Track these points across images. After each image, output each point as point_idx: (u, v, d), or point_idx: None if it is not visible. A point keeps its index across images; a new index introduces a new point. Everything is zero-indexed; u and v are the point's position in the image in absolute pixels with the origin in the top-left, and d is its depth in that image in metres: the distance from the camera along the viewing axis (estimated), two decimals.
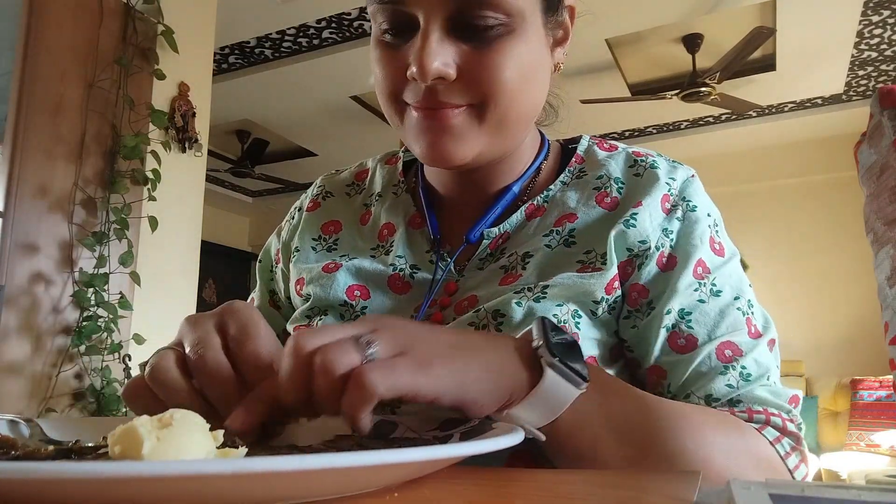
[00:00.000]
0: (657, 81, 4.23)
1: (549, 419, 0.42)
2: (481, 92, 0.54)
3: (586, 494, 0.29)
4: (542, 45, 0.58)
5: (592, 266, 0.57)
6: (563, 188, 0.64)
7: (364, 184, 0.76)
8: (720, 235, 0.62)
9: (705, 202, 0.62)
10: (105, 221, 2.27)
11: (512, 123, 0.57)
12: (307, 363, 0.36)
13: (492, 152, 0.59)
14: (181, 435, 0.29)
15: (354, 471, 0.26)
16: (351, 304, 0.62)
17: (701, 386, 0.55)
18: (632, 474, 0.36)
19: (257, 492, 0.26)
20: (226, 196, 6.42)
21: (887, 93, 0.59)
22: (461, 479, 0.34)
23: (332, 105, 4.51)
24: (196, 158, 2.66)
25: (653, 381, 0.57)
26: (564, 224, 0.61)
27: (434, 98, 0.54)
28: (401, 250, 0.65)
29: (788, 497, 0.23)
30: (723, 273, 0.59)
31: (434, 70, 0.52)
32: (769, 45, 3.70)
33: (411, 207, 0.69)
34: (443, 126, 0.55)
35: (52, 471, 0.21)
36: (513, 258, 0.60)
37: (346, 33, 3.59)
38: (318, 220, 0.73)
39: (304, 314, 0.65)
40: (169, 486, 0.23)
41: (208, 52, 2.78)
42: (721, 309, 0.57)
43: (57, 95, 2.19)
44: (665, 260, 0.58)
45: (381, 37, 0.56)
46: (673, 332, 0.56)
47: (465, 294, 0.59)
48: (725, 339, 0.55)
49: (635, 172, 0.63)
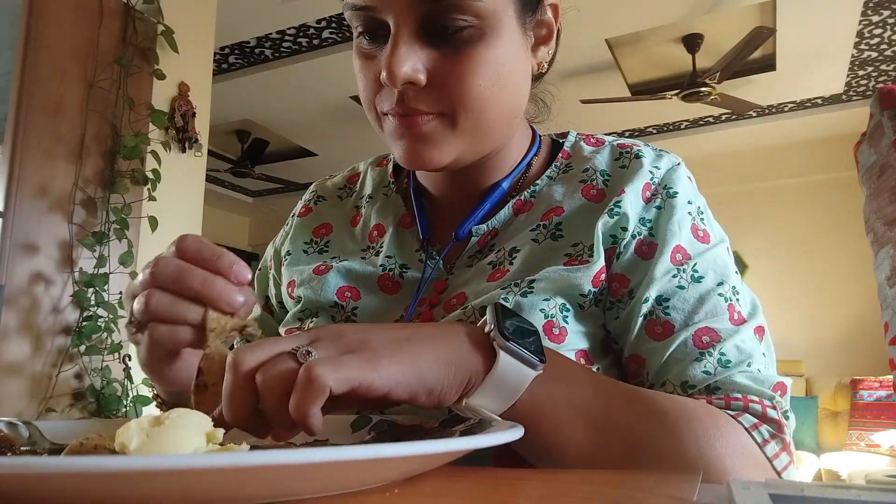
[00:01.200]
0: (657, 81, 4.23)
1: (507, 404, 0.42)
2: (450, 101, 0.54)
3: (586, 493, 0.29)
4: (519, 46, 0.57)
5: (580, 259, 0.57)
6: (549, 183, 0.65)
7: (355, 187, 0.77)
8: (705, 223, 0.61)
9: (687, 189, 0.61)
10: (105, 221, 2.27)
11: (487, 128, 0.57)
12: (248, 380, 0.36)
13: (471, 154, 0.59)
14: (170, 433, 0.29)
15: (354, 466, 0.26)
16: (342, 305, 0.63)
17: (677, 373, 0.54)
18: (632, 474, 0.36)
19: (257, 487, 0.26)
20: (226, 196, 6.43)
21: (887, 93, 0.58)
22: (461, 476, 0.34)
23: (332, 105, 4.51)
24: (196, 158, 2.66)
25: (633, 371, 0.57)
26: (551, 217, 0.61)
27: (405, 104, 0.55)
28: (390, 250, 0.66)
29: (788, 497, 0.23)
30: (706, 258, 0.58)
31: (403, 75, 0.52)
32: (769, 45, 3.70)
33: (401, 208, 0.69)
34: (416, 132, 0.55)
35: (16, 465, 0.20)
36: (500, 254, 0.60)
37: (346, 33, 3.59)
38: (310, 224, 0.74)
39: (295, 316, 0.65)
40: (159, 482, 0.23)
41: (208, 52, 2.79)
42: (701, 295, 0.56)
43: (57, 95, 2.19)
44: (644, 248, 0.58)
45: (359, 43, 0.58)
46: (650, 319, 0.55)
47: (454, 292, 0.60)
48: (704, 325, 0.54)
49: (621, 164, 0.63)
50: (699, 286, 0.56)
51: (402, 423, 0.45)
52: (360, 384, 0.35)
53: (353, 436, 0.44)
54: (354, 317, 0.62)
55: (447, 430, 0.41)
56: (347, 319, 0.62)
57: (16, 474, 0.21)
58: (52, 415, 2.09)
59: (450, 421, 0.43)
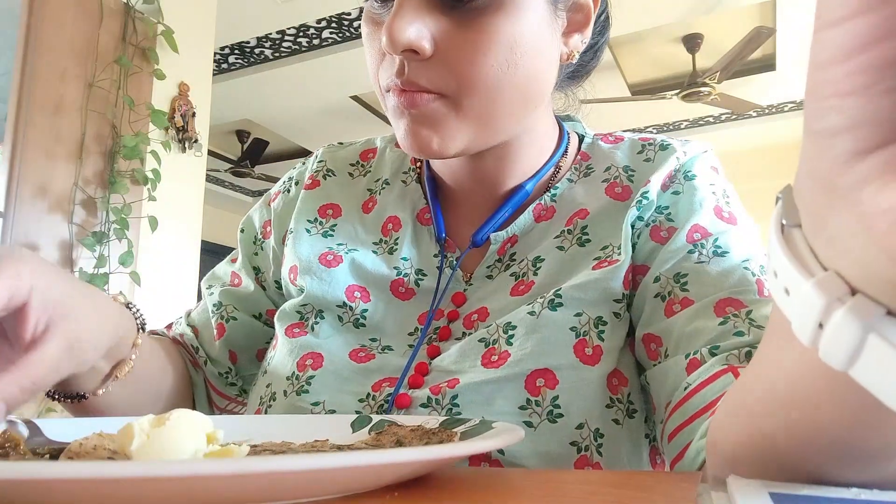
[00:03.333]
0: (657, 81, 4.23)
1: None
2: (456, 79, 0.48)
3: (586, 493, 0.29)
4: (546, 26, 0.50)
5: (609, 260, 0.52)
6: (569, 185, 0.59)
7: (370, 165, 0.68)
8: (731, 206, 0.55)
9: (709, 174, 0.56)
10: (105, 221, 2.27)
11: (497, 116, 0.50)
12: None
13: (481, 144, 0.52)
14: (171, 434, 0.29)
15: (353, 470, 0.26)
16: (350, 305, 0.58)
17: (703, 339, 0.45)
18: (632, 474, 0.36)
19: (255, 492, 0.26)
20: (226, 196, 6.43)
21: None
22: (462, 478, 0.34)
23: (332, 105, 4.51)
24: (196, 158, 2.66)
25: (649, 352, 0.50)
26: (575, 222, 0.56)
27: (404, 76, 0.48)
28: (407, 251, 0.60)
29: (788, 496, 0.23)
30: (731, 235, 0.51)
31: (404, 39, 0.45)
32: (769, 45, 3.70)
33: (420, 200, 0.63)
34: (416, 113, 0.49)
35: (9, 471, 0.20)
36: (523, 264, 0.55)
37: (346, 33, 3.59)
38: (317, 200, 0.65)
39: (295, 309, 0.59)
40: (157, 486, 0.23)
41: (208, 52, 2.79)
42: (725, 269, 0.48)
43: (57, 95, 2.19)
44: (663, 233, 0.53)
45: (369, 7, 0.52)
46: (669, 299, 0.50)
47: (474, 306, 0.55)
48: (728, 296, 0.47)
49: (645, 157, 0.58)
50: (722, 260, 0.49)
51: (403, 423, 0.45)
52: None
53: (353, 435, 0.44)
54: (364, 319, 0.57)
55: (447, 431, 0.41)
56: (356, 322, 0.57)
57: (9, 479, 0.21)
58: (51, 414, 2.09)
59: (450, 422, 0.43)
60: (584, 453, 0.47)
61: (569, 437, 0.47)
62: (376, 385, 0.52)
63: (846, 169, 0.17)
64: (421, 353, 0.53)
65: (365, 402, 0.51)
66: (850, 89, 0.16)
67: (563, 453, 0.47)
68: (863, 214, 0.17)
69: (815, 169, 0.19)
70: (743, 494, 0.23)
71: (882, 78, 0.16)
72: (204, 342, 0.67)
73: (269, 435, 0.43)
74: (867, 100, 0.16)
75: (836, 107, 0.17)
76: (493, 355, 0.50)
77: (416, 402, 0.50)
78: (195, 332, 0.67)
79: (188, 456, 0.30)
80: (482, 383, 0.48)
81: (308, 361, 0.54)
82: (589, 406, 0.48)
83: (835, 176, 0.18)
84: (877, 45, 0.16)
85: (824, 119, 0.18)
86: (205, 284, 0.72)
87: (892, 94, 0.16)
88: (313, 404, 0.52)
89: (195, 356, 0.66)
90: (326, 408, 0.51)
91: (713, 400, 0.42)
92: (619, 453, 0.48)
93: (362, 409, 0.51)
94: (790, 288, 0.20)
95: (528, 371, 0.48)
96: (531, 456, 0.47)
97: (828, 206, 0.19)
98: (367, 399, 0.51)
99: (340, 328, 0.57)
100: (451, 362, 0.51)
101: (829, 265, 0.19)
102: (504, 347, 0.50)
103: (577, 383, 0.48)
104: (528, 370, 0.48)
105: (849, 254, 0.18)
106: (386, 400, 0.50)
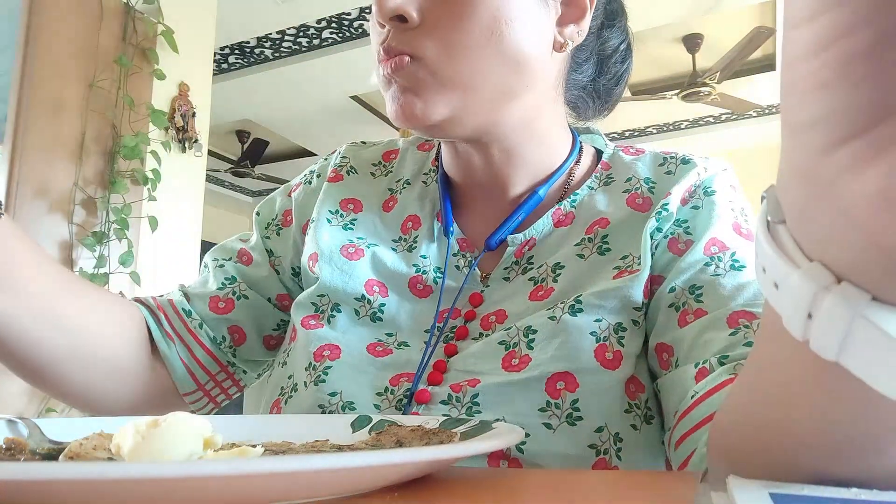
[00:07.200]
0: (657, 81, 4.24)
1: None
2: (436, 43, 0.49)
3: (586, 493, 0.29)
4: (538, 8, 0.52)
5: (629, 269, 0.52)
6: (590, 193, 0.60)
7: (391, 165, 0.69)
8: (750, 223, 0.55)
9: (728, 192, 0.57)
10: (105, 221, 2.27)
11: (481, 85, 0.51)
12: None
13: (470, 115, 0.53)
14: (165, 436, 0.29)
15: (353, 471, 0.26)
16: (369, 298, 0.57)
17: (712, 349, 0.45)
18: (631, 473, 0.36)
19: (254, 493, 0.26)
20: (226, 196, 6.43)
21: None
22: (462, 479, 0.34)
23: (332, 105, 4.52)
24: (196, 158, 2.66)
25: (661, 362, 0.51)
26: (596, 230, 0.56)
27: (387, 43, 0.50)
28: (426, 249, 0.60)
29: (788, 496, 0.23)
30: (748, 250, 0.52)
31: (393, 5, 0.48)
32: (769, 45, 3.70)
33: (440, 201, 0.63)
34: (400, 82, 0.51)
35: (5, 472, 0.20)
36: (542, 270, 0.56)
37: (346, 33, 3.59)
38: (339, 193, 0.66)
39: (310, 300, 0.59)
40: (151, 488, 0.23)
41: (208, 52, 2.79)
42: (741, 283, 0.49)
43: (57, 95, 2.19)
44: (681, 246, 0.53)
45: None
46: (682, 310, 0.50)
47: (492, 307, 0.55)
48: (741, 308, 0.47)
49: (666, 170, 0.59)
50: (739, 274, 0.49)
51: (403, 423, 0.45)
52: None
53: (353, 436, 0.44)
54: (381, 313, 0.57)
55: (448, 431, 0.41)
56: (373, 316, 0.57)
57: (9, 480, 0.21)
58: (52, 414, 2.09)
59: (450, 422, 0.43)
60: (603, 456, 0.47)
61: (587, 440, 0.47)
62: (394, 380, 0.52)
63: (824, 159, 0.18)
64: (438, 351, 0.54)
65: (383, 396, 0.51)
66: (820, 83, 0.17)
67: (582, 455, 0.47)
68: (842, 202, 0.18)
69: (794, 162, 0.20)
70: (743, 494, 0.23)
71: (849, 71, 0.16)
72: (196, 307, 0.64)
73: (268, 435, 0.43)
74: (838, 91, 0.17)
75: (809, 101, 0.18)
76: (514, 359, 0.50)
77: (436, 398, 0.50)
78: (187, 298, 0.65)
79: (184, 457, 0.29)
80: (503, 385, 0.49)
81: (325, 352, 0.54)
82: (608, 410, 0.48)
83: (813, 167, 0.18)
84: (839, 40, 0.16)
85: (800, 113, 0.18)
86: (210, 257, 0.69)
87: (861, 86, 0.16)
88: (331, 394, 0.52)
89: (185, 320, 0.63)
90: (344, 399, 0.51)
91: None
92: (637, 458, 0.48)
93: (380, 403, 0.51)
94: (778, 282, 0.21)
95: (548, 374, 0.48)
96: (550, 457, 0.47)
97: (809, 198, 0.19)
98: (385, 393, 0.51)
99: (357, 322, 0.57)
100: (470, 362, 0.51)
101: (814, 256, 0.20)
102: (525, 351, 0.50)
103: (596, 387, 0.48)
104: (549, 373, 0.48)
105: (832, 243, 0.19)
106: (405, 395, 0.51)
